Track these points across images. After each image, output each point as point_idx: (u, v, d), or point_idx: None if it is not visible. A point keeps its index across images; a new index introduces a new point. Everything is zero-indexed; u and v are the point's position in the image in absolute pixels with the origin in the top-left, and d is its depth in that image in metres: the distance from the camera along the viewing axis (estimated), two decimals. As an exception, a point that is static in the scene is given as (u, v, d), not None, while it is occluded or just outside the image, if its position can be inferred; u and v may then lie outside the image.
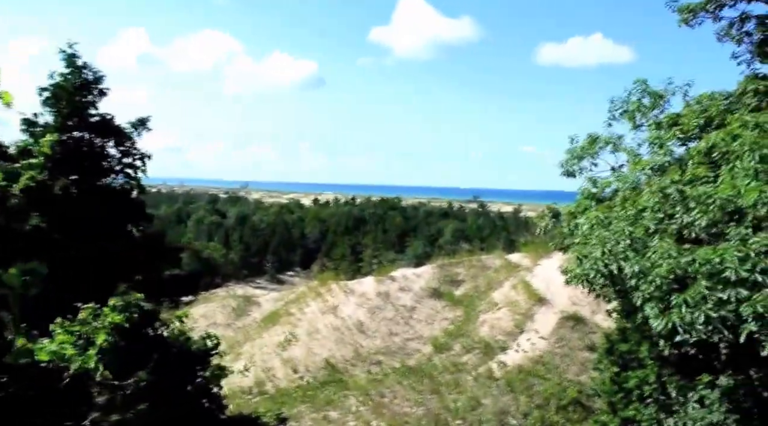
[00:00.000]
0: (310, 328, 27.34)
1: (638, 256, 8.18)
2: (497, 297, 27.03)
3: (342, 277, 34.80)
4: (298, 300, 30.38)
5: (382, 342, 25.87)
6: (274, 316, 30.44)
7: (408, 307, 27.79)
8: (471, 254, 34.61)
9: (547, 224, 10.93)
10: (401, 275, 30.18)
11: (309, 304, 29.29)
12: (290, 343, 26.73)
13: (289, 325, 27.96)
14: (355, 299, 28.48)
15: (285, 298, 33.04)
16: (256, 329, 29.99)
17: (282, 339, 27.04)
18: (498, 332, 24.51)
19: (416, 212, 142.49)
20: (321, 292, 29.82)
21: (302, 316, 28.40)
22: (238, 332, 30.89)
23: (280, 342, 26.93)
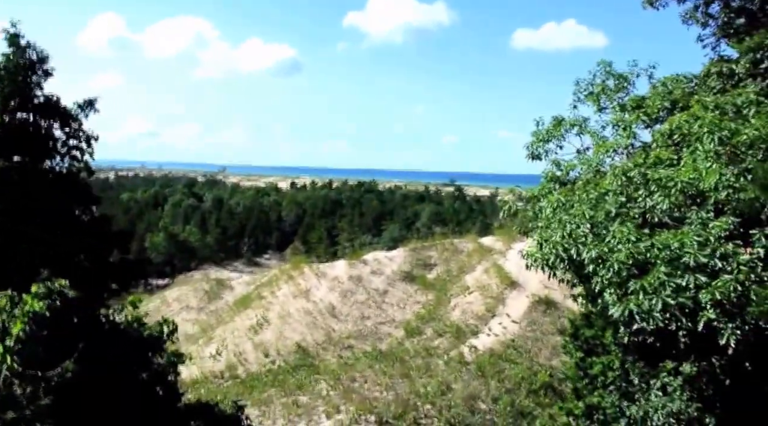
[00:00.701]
0: (282, 311, 27.09)
1: (597, 241, 7.98)
2: (469, 281, 26.94)
3: (314, 261, 34.56)
4: (270, 283, 30.10)
5: (354, 326, 25.71)
6: (246, 299, 30.16)
7: (380, 290, 27.63)
8: (444, 238, 34.47)
9: (511, 207, 10.72)
10: (373, 258, 29.99)
11: (281, 287, 29.03)
12: (262, 326, 26.47)
13: (261, 309, 27.70)
14: (327, 283, 28.26)
15: (257, 282, 32.73)
16: (228, 313, 29.71)
17: (254, 322, 26.77)
18: (469, 316, 24.42)
19: (393, 196, 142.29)
20: (293, 275, 29.56)
21: (274, 300, 28.14)
22: (210, 316, 30.60)
23: (251, 325, 26.66)
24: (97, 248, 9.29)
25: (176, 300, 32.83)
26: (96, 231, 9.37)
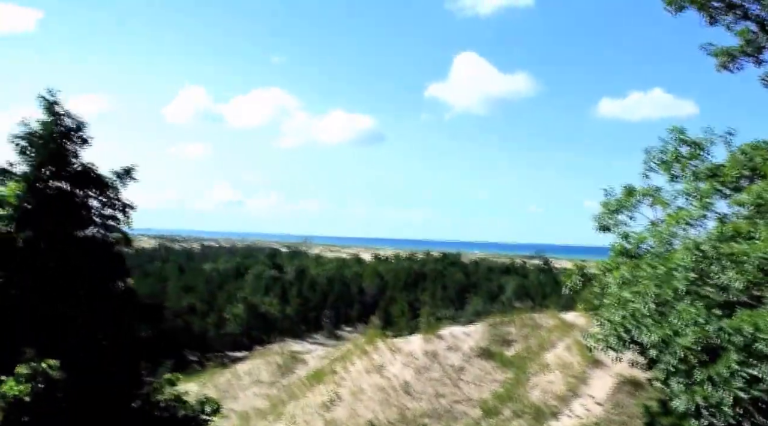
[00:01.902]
0: (355, 387, 26.80)
1: (662, 323, 7.44)
2: (550, 358, 26.01)
3: (392, 334, 34.26)
4: (344, 358, 29.93)
5: (429, 404, 25.10)
6: (318, 374, 30.04)
7: (456, 367, 26.99)
8: (523, 312, 33.57)
9: (575, 283, 10.31)
10: (449, 334, 29.46)
11: (354, 362, 28.81)
12: (333, 403, 26.22)
13: (333, 385, 27.49)
14: (402, 358, 27.86)
15: (331, 356, 32.64)
16: (300, 388, 29.60)
17: (326, 399, 26.57)
18: (550, 396, 23.49)
19: (477, 268, 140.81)
20: (367, 349, 29.33)
21: (347, 375, 27.91)
22: (282, 391, 30.56)
23: (323, 402, 26.45)
24: (124, 322, 9.45)
25: (248, 373, 33.05)
26: (124, 304, 9.55)
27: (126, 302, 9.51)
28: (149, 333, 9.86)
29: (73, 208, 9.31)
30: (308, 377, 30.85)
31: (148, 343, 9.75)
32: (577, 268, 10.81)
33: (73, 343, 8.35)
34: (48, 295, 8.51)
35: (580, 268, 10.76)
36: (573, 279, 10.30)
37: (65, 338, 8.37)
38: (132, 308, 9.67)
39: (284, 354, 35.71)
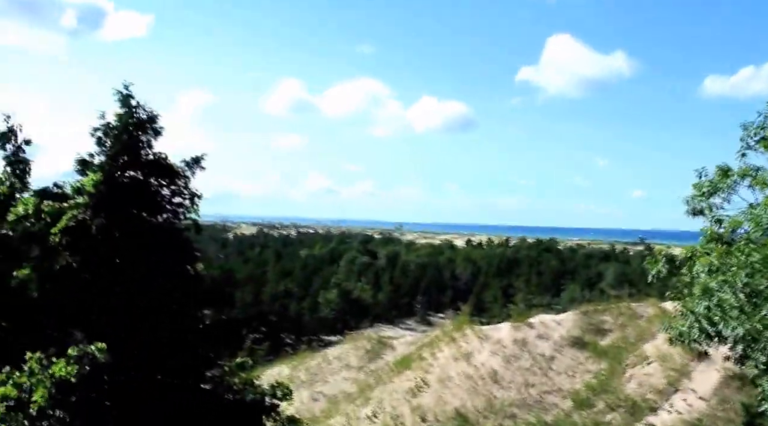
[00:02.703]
0: (442, 374, 26.71)
1: (750, 316, 6.87)
2: (648, 350, 24.96)
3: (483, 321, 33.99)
4: (432, 344, 29.88)
5: (518, 393, 24.68)
6: (406, 360, 30.13)
7: (547, 356, 26.38)
8: (620, 301, 32.40)
9: (660, 271, 9.74)
10: (540, 322, 28.80)
11: (442, 349, 28.70)
12: (421, 390, 26.24)
13: (421, 371, 27.50)
14: (490, 346, 27.50)
15: (419, 342, 32.68)
16: (388, 373, 29.80)
17: (412, 385, 26.62)
18: (648, 390, 22.57)
19: (574, 255, 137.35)
20: (455, 337, 29.14)
21: (434, 362, 27.84)
22: (369, 376, 30.89)
23: (410, 388, 26.52)
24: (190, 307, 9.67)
25: (337, 358, 33.58)
26: (191, 289, 9.76)
27: (193, 287, 9.80)
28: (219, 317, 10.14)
29: (145, 197, 9.67)
30: (396, 363, 31.01)
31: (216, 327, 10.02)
32: (662, 254, 10.21)
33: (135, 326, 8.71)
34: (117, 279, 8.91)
35: (665, 254, 10.16)
36: (658, 265, 9.72)
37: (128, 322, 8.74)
38: (199, 293, 9.96)
39: (373, 339, 36.08)
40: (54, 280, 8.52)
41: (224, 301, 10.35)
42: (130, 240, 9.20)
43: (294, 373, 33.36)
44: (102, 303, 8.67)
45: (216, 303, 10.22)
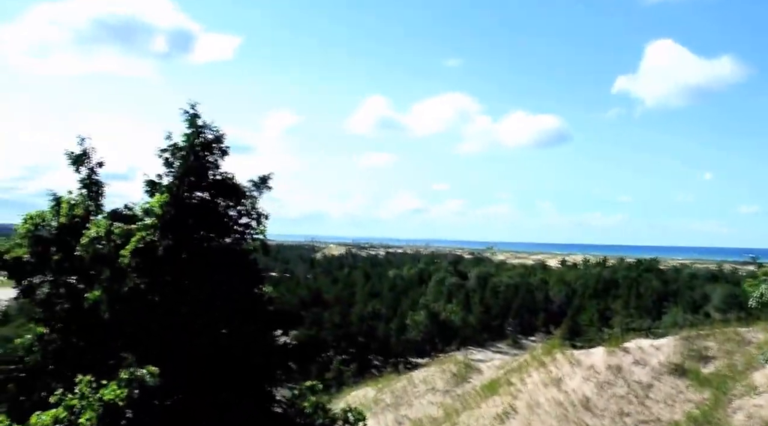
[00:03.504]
0: (531, 400, 25.91)
1: None
2: (758, 379, 23.34)
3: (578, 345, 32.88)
4: (520, 369, 29.10)
5: (611, 423, 23.59)
6: (493, 384, 29.45)
7: (643, 384, 25.12)
8: (725, 325, 30.56)
9: (763, 293, 8.93)
10: (636, 347, 27.53)
11: (531, 373, 27.88)
12: (508, 416, 25.54)
13: (509, 396, 26.79)
14: (582, 372, 26.49)
15: (507, 366, 31.93)
16: (475, 398, 29.20)
17: (500, 411, 25.95)
18: (757, 422, 21.06)
19: (677, 275, 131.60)
20: (544, 361, 28.27)
21: (523, 387, 27.06)
22: (456, 400, 30.37)
23: (497, 414, 25.86)
24: (256, 329, 9.64)
25: (422, 381, 33.22)
26: (258, 311, 9.75)
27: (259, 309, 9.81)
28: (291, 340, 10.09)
29: (212, 217, 9.79)
30: (483, 387, 30.38)
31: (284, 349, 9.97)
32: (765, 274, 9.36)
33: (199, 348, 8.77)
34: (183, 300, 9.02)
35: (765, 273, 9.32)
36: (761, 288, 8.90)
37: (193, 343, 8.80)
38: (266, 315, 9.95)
39: (459, 362, 35.56)
40: (122, 301, 8.73)
41: (291, 323, 10.31)
42: (197, 261, 9.32)
43: (379, 395, 33.29)
44: (167, 324, 8.81)
45: (283, 324, 10.20)
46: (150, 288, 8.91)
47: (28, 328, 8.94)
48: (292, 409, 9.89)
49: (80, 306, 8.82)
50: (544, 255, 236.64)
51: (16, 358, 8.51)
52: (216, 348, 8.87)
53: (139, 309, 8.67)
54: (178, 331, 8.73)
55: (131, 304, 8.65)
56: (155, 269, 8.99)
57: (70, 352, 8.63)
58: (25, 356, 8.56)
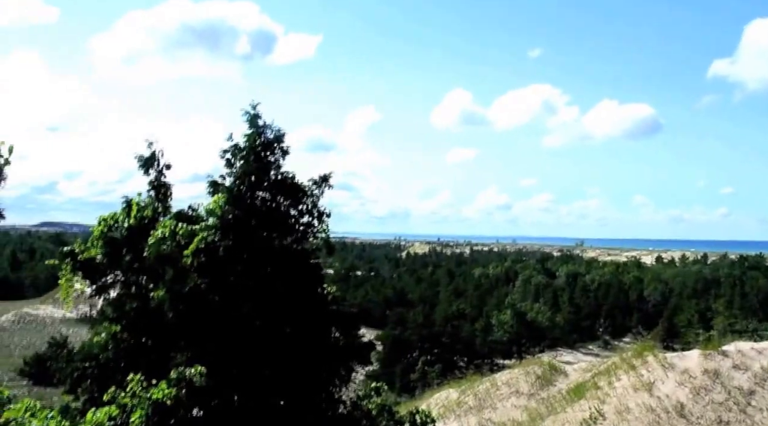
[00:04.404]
0: (620, 405, 25.07)
1: None
2: None
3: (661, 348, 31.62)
4: (609, 372, 28.22)
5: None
6: (580, 388, 28.67)
7: (744, 390, 23.87)
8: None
9: None
10: (736, 350, 26.19)
11: (620, 377, 26.98)
12: (596, 421, 24.77)
13: (596, 401, 26.00)
14: (675, 376, 25.43)
15: (594, 369, 31.03)
16: (561, 402, 28.53)
17: (587, 416, 25.22)
18: None
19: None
20: (634, 364, 27.31)
21: (611, 391, 26.23)
22: (541, 404, 29.74)
23: (584, 419, 25.10)
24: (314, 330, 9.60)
25: (506, 384, 32.64)
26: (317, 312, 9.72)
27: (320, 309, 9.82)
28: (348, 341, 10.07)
29: (273, 217, 9.89)
30: (569, 391, 29.63)
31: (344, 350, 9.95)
32: None
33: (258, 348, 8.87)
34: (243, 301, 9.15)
35: None
36: None
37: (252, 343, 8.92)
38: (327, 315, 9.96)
39: (544, 365, 34.87)
40: (184, 301, 8.97)
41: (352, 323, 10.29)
42: (257, 261, 9.45)
43: (462, 397, 33.01)
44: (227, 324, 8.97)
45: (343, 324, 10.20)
46: (210, 288, 9.12)
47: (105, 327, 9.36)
48: (357, 411, 9.90)
49: (147, 305, 9.14)
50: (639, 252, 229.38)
51: (92, 355, 8.93)
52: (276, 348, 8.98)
53: (200, 308, 8.89)
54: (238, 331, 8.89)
55: (192, 303, 8.89)
56: (216, 269, 9.20)
57: (140, 350, 8.97)
58: (99, 354, 8.96)
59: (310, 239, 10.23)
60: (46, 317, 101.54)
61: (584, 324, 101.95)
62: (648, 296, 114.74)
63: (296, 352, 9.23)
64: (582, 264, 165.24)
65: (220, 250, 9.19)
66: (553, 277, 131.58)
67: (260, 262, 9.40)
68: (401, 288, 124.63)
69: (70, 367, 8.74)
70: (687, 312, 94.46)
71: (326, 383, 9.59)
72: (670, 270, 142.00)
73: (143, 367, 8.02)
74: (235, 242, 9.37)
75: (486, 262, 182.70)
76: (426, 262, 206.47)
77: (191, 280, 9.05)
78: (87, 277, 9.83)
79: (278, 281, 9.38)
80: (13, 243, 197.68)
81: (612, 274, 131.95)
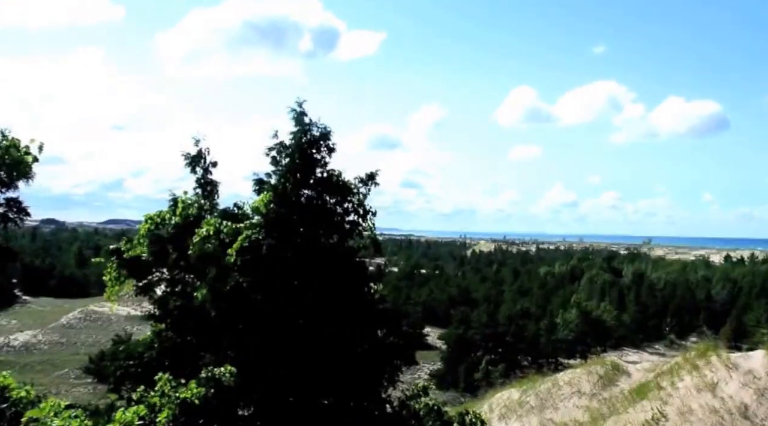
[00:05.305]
0: (683, 406, 24.06)
1: None
2: None
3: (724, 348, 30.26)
4: (671, 372, 27.15)
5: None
6: (643, 388, 27.67)
7: (812, 392, 22.60)
8: None
9: None
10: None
11: (683, 378, 25.90)
12: (658, 422, 23.86)
13: (659, 401, 25.04)
14: (740, 377, 24.24)
15: (657, 369, 29.94)
16: (623, 402, 27.59)
17: (649, 417, 24.33)
18: None
19: None
20: (698, 364, 26.18)
21: (674, 392, 25.20)
22: (602, 404, 28.84)
23: (646, 420, 24.23)
24: (357, 329, 9.37)
25: (568, 383, 31.77)
26: (362, 311, 9.49)
27: (366, 309, 9.61)
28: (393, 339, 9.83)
29: (318, 215, 9.75)
30: (631, 391, 28.66)
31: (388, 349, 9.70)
32: None
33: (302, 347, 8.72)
34: (286, 299, 9.03)
35: None
36: None
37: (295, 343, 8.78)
38: (372, 315, 9.74)
39: (606, 364, 33.85)
40: (226, 299, 8.93)
41: (395, 322, 10.05)
42: (301, 260, 9.33)
43: (523, 397, 32.36)
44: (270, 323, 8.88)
45: (387, 324, 9.97)
46: (253, 287, 9.06)
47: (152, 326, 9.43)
48: (404, 411, 9.69)
49: (191, 304, 9.16)
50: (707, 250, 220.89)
51: (136, 354, 9.00)
52: (319, 347, 8.84)
53: (242, 307, 8.84)
54: (280, 330, 8.80)
55: (234, 302, 8.85)
56: (259, 268, 9.13)
57: (183, 349, 9.00)
58: (144, 352, 9.02)
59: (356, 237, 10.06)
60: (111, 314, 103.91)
61: (650, 323, 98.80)
62: (716, 295, 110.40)
63: (340, 352, 9.07)
64: (649, 262, 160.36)
65: (264, 248, 9.10)
66: (620, 276, 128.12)
67: (304, 260, 9.27)
68: (465, 286, 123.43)
69: (113, 365, 8.84)
70: (756, 311, 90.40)
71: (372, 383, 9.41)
72: (738, 269, 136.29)
73: (186, 366, 8.03)
74: (279, 241, 9.27)
75: (552, 261, 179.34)
76: (491, 261, 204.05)
77: (233, 279, 9.00)
78: (132, 275, 9.90)
79: (321, 280, 9.24)
80: (80, 240, 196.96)
81: (679, 273, 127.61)
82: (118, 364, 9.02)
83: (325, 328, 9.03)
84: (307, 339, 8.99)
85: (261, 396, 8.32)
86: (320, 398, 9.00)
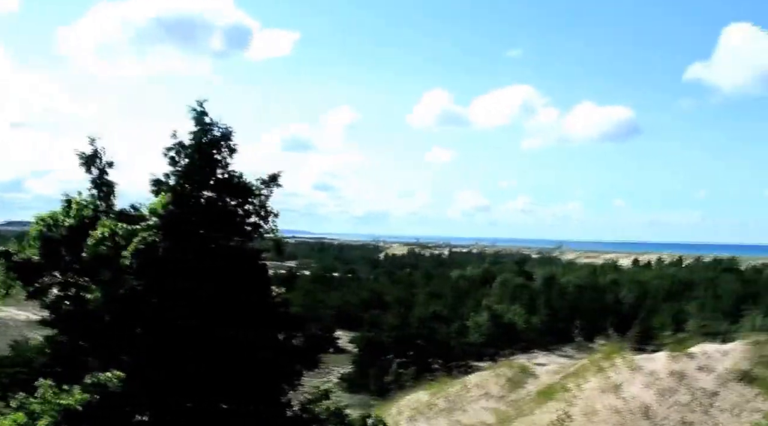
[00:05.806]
0: (587, 407, 25.22)
1: None
2: (834, 387, 22.19)
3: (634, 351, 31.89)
4: (577, 374, 28.39)
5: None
6: (549, 390, 28.81)
7: (708, 391, 24.14)
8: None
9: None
10: (701, 352, 26.49)
11: (588, 379, 27.15)
12: (563, 423, 24.87)
13: (564, 403, 26.13)
14: (642, 378, 25.65)
15: (563, 371, 31.22)
16: (529, 404, 28.63)
17: (554, 418, 25.34)
18: (832, 434, 20.00)
19: (759, 276, 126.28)
20: (603, 366, 27.50)
21: (579, 393, 26.37)
22: (510, 406, 29.83)
23: (552, 421, 25.23)
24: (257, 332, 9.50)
25: (477, 386, 32.71)
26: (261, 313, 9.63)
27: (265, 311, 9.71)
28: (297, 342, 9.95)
29: (217, 217, 9.78)
30: (538, 393, 29.76)
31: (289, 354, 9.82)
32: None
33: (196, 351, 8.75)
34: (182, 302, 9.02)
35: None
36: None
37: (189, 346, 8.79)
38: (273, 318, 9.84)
39: (514, 367, 34.94)
40: (119, 302, 8.83)
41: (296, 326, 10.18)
42: (199, 262, 9.33)
43: (433, 399, 33.00)
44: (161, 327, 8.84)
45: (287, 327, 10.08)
46: (148, 290, 8.98)
47: None
48: (305, 415, 9.80)
49: (85, 308, 8.98)
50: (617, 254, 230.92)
51: (25, 360, 8.73)
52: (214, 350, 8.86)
53: (135, 311, 8.75)
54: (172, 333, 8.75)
55: (128, 305, 8.75)
56: (155, 270, 9.06)
57: (76, 353, 8.81)
58: (33, 358, 8.77)
59: (253, 239, 10.10)
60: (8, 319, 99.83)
61: (560, 326, 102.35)
62: (624, 298, 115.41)
63: (237, 355, 9.10)
64: (560, 266, 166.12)
65: (160, 250, 9.04)
66: (531, 279, 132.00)
67: (200, 263, 9.26)
68: (378, 290, 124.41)
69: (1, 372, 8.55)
70: (662, 314, 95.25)
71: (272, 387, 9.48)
72: (645, 272, 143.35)
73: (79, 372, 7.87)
74: (177, 243, 9.22)
75: (464, 264, 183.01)
76: (404, 264, 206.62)
77: (127, 282, 8.90)
78: (21, 279, 9.59)
79: (218, 282, 9.25)
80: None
81: (588, 276, 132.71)
82: (4, 372, 8.70)
83: (219, 331, 9.03)
84: (201, 342, 8.97)
85: (155, 401, 8.24)
86: (218, 403, 9.00)
